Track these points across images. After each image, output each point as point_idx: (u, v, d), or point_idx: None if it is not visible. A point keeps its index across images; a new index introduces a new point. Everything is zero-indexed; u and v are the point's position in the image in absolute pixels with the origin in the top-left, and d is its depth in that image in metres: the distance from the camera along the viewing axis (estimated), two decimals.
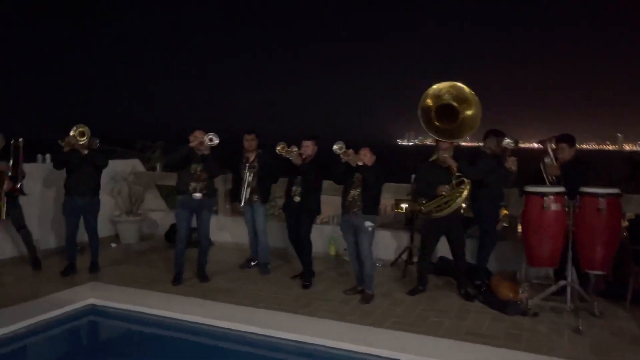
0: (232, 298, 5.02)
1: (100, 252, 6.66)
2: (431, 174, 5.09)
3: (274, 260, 6.31)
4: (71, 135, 5.48)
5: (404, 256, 6.16)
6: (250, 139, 5.89)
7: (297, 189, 5.48)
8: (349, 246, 5.20)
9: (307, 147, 5.45)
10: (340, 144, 4.95)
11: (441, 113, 5.21)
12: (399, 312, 4.71)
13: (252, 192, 5.87)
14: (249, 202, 5.90)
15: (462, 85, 5.19)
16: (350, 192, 5.05)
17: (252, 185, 5.82)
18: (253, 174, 5.83)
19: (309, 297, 5.10)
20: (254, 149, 5.91)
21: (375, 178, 4.97)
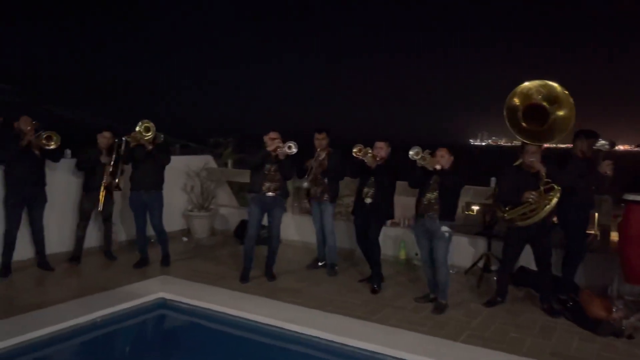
0: (299, 299, 4.91)
1: (171, 245, 6.82)
2: (516, 179, 4.69)
3: (341, 261, 6.16)
4: (137, 131, 5.59)
5: (480, 264, 5.81)
6: (321, 138, 5.77)
7: (368, 191, 5.29)
8: (423, 251, 4.94)
9: (381, 148, 5.24)
10: (417, 149, 4.68)
11: (529, 114, 4.82)
12: (475, 325, 4.41)
13: (322, 191, 5.79)
14: (317, 200, 5.81)
15: (554, 83, 4.75)
16: (427, 195, 4.78)
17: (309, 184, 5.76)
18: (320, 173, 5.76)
19: (378, 303, 4.90)
20: (324, 147, 5.79)
21: (454, 181, 4.68)
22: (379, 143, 5.26)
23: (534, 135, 4.73)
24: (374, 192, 5.25)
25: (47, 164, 5.66)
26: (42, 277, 5.48)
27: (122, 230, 6.72)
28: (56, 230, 6.01)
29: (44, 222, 5.66)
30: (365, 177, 5.32)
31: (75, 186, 6.21)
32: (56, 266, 5.72)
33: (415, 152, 4.67)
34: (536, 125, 4.80)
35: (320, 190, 5.81)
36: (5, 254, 5.44)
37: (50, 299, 4.67)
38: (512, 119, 4.81)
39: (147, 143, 5.63)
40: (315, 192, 5.84)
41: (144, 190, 5.75)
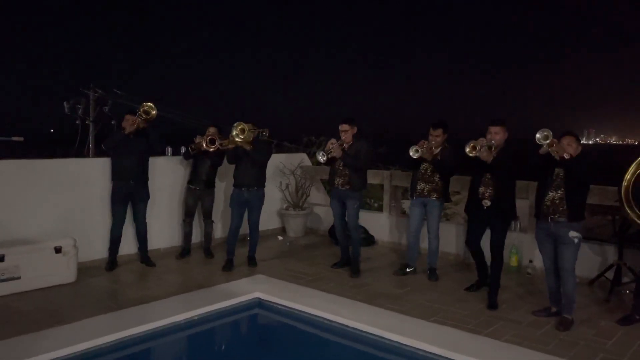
0: (400, 307, 4.56)
1: (266, 243, 6.75)
2: None
3: (444, 267, 5.71)
4: (232, 136, 5.41)
5: (609, 274, 5.06)
6: (436, 135, 5.27)
7: (485, 191, 4.66)
8: (546, 258, 4.34)
9: (497, 133, 4.59)
10: (546, 132, 4.00)
11: None
12: (610, 347, 3.78)
13: (432, 190, 5.34)
14: (423, 197, 5.38)
15: None
16: (549, 194, 4.18)
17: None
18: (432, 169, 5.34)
19: (489, 314, 4.40)
20: (439, 144, 5.30)
21: (584, 174, 4.05)
22: (493, 127, 4.60)
23: None
24: (492, 191, 4.63)
25: (151, 161, 5.79)
26: (144, 272, 5.59)
27: (219, 228, 6.75)
28: (157, 227, 6.14)
29: (147, 219, 5.79)
30: (480, 174, 4.72)
31: (176, 183, 6.34)
32: (157, 261, 5.83)
33: (543, 136, 3.98)
34: None
35: (429, 188, 5.35)
36: (112, 249, 5.63)
37: (151, 295, 4.72)
38: None
39: (245, 144, 5.52)
40: (422, 189, 5.38)
41: (245, 188, 5.68)
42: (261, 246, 6.38)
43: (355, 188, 5.51)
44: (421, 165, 5.35)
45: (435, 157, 5.25)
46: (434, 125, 5.27)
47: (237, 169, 5.72)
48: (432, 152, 5.22)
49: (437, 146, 5.27)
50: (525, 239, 5.83)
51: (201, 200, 6.12)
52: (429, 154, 5.19)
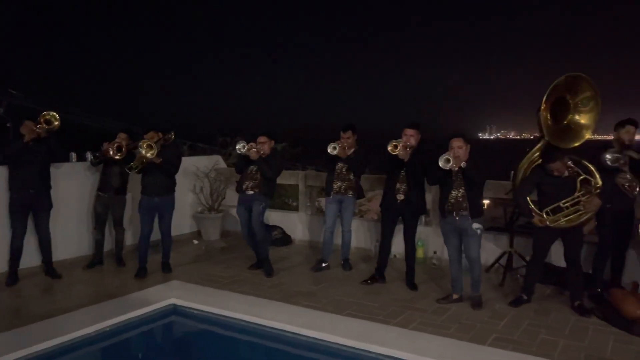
0: (316, 303, 4.72)
1: (182, 248, 6.66)
2: (552, 185, 4.45)
3: (358, 262, 5.97)
4: (142, 155, 5.29)
5: (502, 261, 5.57)
6: (347, 137, 5.58)
7: (400, 187, 5.07)
8: (451, 249, 4.74)
9: (412, 136, 4.99)
10: (446, 156, 4.36)
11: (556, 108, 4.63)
12: (503, 327, 4.18)
13: (347, 187, 5.65)
14: (340, 195, 5.66)
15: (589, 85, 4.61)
16: (452, 193, 4.59)
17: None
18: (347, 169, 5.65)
19: (398, 305, 4.68)
20: (351, 145, 5.61)
21: (479, 174, 4.49)
22: (408, 130, 5.00)
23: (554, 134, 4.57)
24: (406, 187, 5.04)
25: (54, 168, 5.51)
26: (49, 285, 5.31)
27: (129, 236, 6.54)
28: (63, 236, 5.85)
29: (50, 228, 5.50)
30: (396, 172, 5.09)
31: (83, 190, 6.08)
32: (64, 273, 5.56)
33: (445, 160, 4.37)
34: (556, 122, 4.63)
35: (345, 186, 5.65)
36: (12, 262, 5.29)
37: (58, 308, 4.51)
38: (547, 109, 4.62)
39: (155, 159, 5.38)
40: (339, 187, 5.65)
41: (155, 195, 5.56)
42: (176, 251, 6.30)
43: (262, 192, 5.62)
44: (337, 165, 5.64)
45: (349, 157, 5.56)
46: (344, 128, 5.58)
47: (146, 176, 5.59)
48: (345, 152, 5.53)
49: (349, 147, 5.58)
50: (430, 232, 6.24)
51: (111, 207, 5.91)
52: (343, 153, 5.49)
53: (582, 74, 4.61)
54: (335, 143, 5.42)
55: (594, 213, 4.35)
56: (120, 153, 5.57)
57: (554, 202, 4.41)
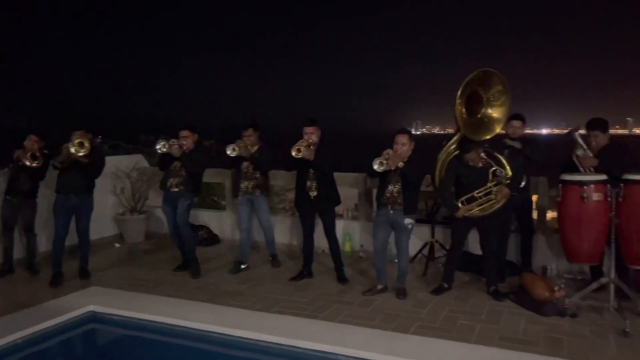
0: (243, 302, 4.67)
1: (103, 252, 6.37)
2: (468, 175, 4.67)
3: (286, 260, 5.98)
4: (71, 152, 5.00)
5: (424, 251, 5.78)
6: (248, 135, 5.46)
7: (311, 184, 5.10)
8: (378, 241, 4.84)
9: (312, 133, 5.05)
10: (379, 160, 4.47)
11: (470, 103, 4.85)
12: (425, 315, 4.34)
13: (255, 186, 5.56)
14: (249, 194, 5.57)
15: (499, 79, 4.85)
16: (388, 187, 4.70)
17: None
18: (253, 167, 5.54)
19: (326, 300, 4.73)
20: (254, 143, 5.50)
21: (413, 174, 4.62)
22: (308, 128, 5.04)
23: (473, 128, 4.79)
24: (317, 184, 5.08)
25: None
26: None
27: (42, 241, 6.16)
28: None
29: None
30: (304, 170, 5.11)
31: None
32: None
33: (379, 163, 4.47)
34: (470, 116, 4.86)
35: (253, 185, 5.56)
36: None
37: None
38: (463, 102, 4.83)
39: (83, 159, 5.09)
40: (247, 187, 5.56)
41: (73, 194, 5.25)
42: (96, 256, 6.02)
43: (188, 190, 5.50)
44: (242, 164, 5.53)
45: (254, 155, 5.46)
46: (245, 126, 5.47)
47: (63, 174, 5.29)
48: (249, 151, 5.42)
49: (252, 145, 5.46)
50: (356, 226, 6.37)
51: (20, 212, 5.53)
52: (247, 152, 5.39)
53: (493, 69, 4.86)
54: (234, 144, 5.31)
55: (504, 202, 4.60)
56: (37, 161, 5.26)
57: (470, 193, 4.64)
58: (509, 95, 4.94)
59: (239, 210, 5.71)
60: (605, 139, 4.60)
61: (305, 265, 5.39)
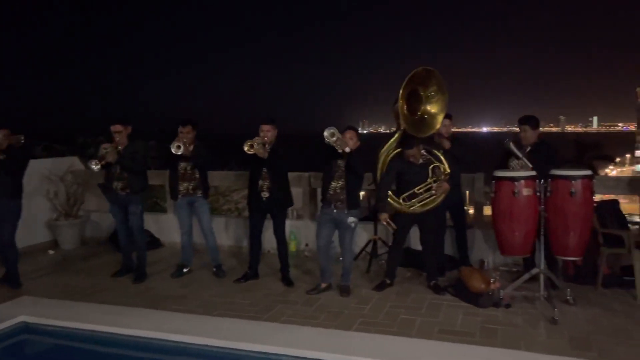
0: (184, 306, 4.57)
1: (35, 260, 6.08)
2: (408, 172, 4.77)
3: (231, 261, 5.91)
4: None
5: (367, 249, 5.86)
6: (186, 132, 5.25)
7: (264, 184, 5.01)
8: (321, 239, 4.85)
9: (268, 131, 4.96)
10: (332, 130, 4.45)
11: (410, 101, 4.97)
12: (368, 312, 4.40)
13: (196, 187, 5.40)
14: (189, 196, 5.40)
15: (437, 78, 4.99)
16: (332, 184, 4.73)
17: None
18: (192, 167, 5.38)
19: (270, 300, 4.71)
20: (191, 141, 5.31)
21: (360, 168, 4.67)
22: (264, 126, 4.95)
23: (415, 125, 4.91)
24: (269, 184, 5.00)
25: None
26: None
27: None
28: None
29: None
30: (257, 169, 5.03)
31: None
32: None
33: (330, 134, 4.44)
34: (411, 115, 4.98)
35: (192, 186, 5.39)
36: None
37: None
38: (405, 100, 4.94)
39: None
40: (186, 188, 5.38)
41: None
42: (27, 263, 5.74)
43: (135, 191, 5.32)
44: (179, 165, 5.34)
45: (192, 154, 5.28)
46: (183, 123, 5.27)
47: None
48: (187, 149, 5.23)
49: (189, 143, 5.28)
50: (301, 225, 6.38)
51: None
52: (186, 151, 5.21)
53: (431, 68, 5.00)
54: (179, 142, 5.09)
55: (444, 197, 4.74)
56: None
57: (412, 189, 4.75)
58: (445, 93, 5.09)
59: (179, 213, 5.54)
60: (534, 135, 4.79)
61: (250, 267, 5.34)
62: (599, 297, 4.58)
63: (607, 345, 3.62)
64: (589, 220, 4.26)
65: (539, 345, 3.68)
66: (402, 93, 4.88)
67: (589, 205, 4.23)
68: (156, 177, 6.93)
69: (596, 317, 4.14)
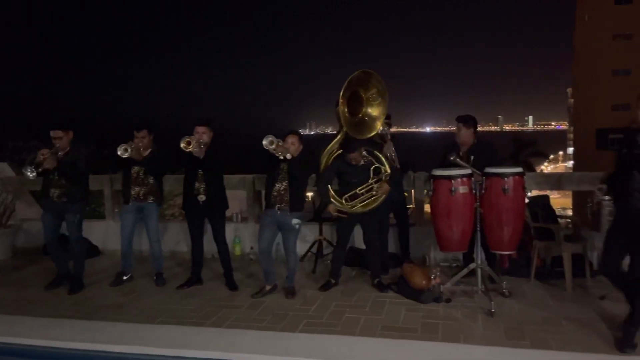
0: (125, 315, 4.43)
1: None
2: (349, 172, 4.84)
3: (171, 267, 5.77)
4: None
5: (313, 249, 5.88)
6: (142, 136, 5.12)
7: (200, 186, 4.93)
8: (264, 241, 4.81)
9: (204, 133, 4.88)
10: (270, 138, 4.43)
11: (351, 102, 5.03)
12: (313, 312, 4.41)
13: (148, 192, 5.23)
14: (139, 202, 5.24)
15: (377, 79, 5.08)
16: (276, 186, 4.71)
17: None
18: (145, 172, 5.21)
19: (214, 305, 4.62)
20: (146, 146, 5.17)
21: (301, 174, 4.69)
22: (199, 127, 4.87)
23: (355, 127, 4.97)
24: (205, 186, 4.92)
25: None
26: None
27: None
28: None
29: None
30: (192, 171, 4.94)
31: None
32: None
33: (269, 142, 4.42)
34: (353, 116, 5.05)
35: (143, 192, 5.23)
36: None
37: None
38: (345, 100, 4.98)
39: None
40: (137, 193, 5.22)
41: None
42: None
43: (74, 199, 5.10)
44: (132, 169, 5.19)
45: (146, 159, 5.15)
46: (138, 127, 5.12)
47: None
48: (141, 154, 5.11)
49: (145, 148, 5.15)
50: (245, 228, 6.32)
51: None
52: (139, 155, 5.08)
53: (372, 70, 5.08)
54: (127, 144, 4.96)
55: (385, 197, 4.83)
56: None
57: (353, 190, 4.81)
58: (385, 96, 5.19)
59: (124, 217, 5.33)
60: (469, 134, 4.92)
61: (194, 272, 5.23)
62: (532, 288, 4.81)
63: (539, 334, 3.80)
64: (521, 215, 4.46)
65: (476, 337, 3.81)
66: (342, 94, 4.94)
67: (521, 201, 4.43)
68: (94, 182, 6.67)
69: (529, 307, 4.33)
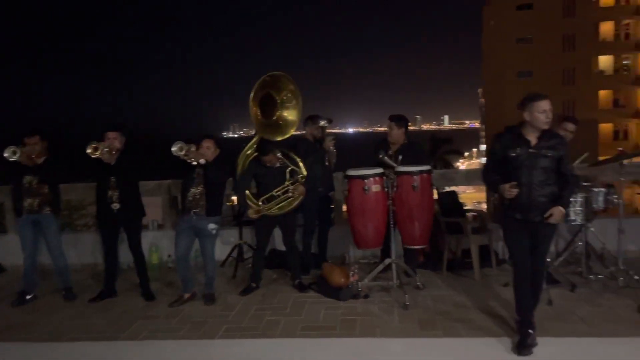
0: (29, 335, 4.14)
1: None
2: (265, 175, 4.84)
3: (86, 280, 5.48)
4: None
5: (233, 254, 5.83)
6: (34, 142, 4.77)
7: (113, 194, 4.71)
8: (181, 248, 4.68)
9: (115, 139, 4.68)
10: (179, 144, 4.30)
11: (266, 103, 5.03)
12: (233, 317, 4.37)
13: (42, 203, 4.87)
14: (34, 214, 4.87)
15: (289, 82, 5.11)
16: (191, 191, 4.58)
17: None
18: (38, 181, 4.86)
19: (129, 317, 4.45)
20: (41, 153, 4.83)
21: (218, 177, 4.60)
22: (110, 133, 4.66)
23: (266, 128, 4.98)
24: (119, 194, 4.71)
25: None
26: None
27: None
28: None
29: None
30: (104, 179, 4.72)
31: None
32: None
33: (178, 148, 4.29)
34: (265, 116, 5.06)
35: (38, 202, 4.84)
36: None
37: None
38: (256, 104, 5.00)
39: None
40: (31, 204, 4.84)
41: None
42: None
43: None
44: (23, 178, 4.82)
45: (39, 166, 4.82)
46: (29, 132, 4.79)
47: None
48: (33, 161, 4.78)
49: (37, 155, 4.81)
50: (162, 236, 6.13)
51: None
52: (31, 162, 4.75)
53: (281, 72, 5.11)
54: (15, 147, 4.57)
55: (300, 199, 4.88)
56: None
57: (270, 192, 4.82)
58: (299, 98, 5.23)
59: (22, 232, 4.95)
60: (400, 134, 5.00)
61: (107, 284, 5.00)
62: (444, 280, 5.06)
63: (450, 323, 4.01)
64: (430, 210, 4.68)
65: (392, 330, 3.95)
66: (252, 97, 4.94)
67: (430, 197, 4.64)
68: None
69: (441, 298, 4.56)
